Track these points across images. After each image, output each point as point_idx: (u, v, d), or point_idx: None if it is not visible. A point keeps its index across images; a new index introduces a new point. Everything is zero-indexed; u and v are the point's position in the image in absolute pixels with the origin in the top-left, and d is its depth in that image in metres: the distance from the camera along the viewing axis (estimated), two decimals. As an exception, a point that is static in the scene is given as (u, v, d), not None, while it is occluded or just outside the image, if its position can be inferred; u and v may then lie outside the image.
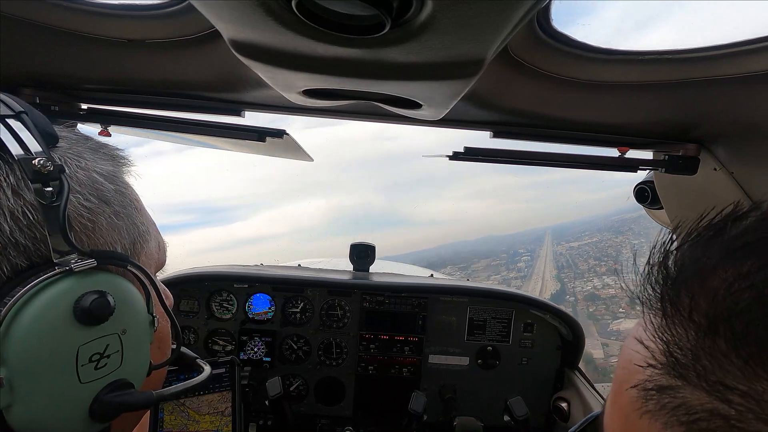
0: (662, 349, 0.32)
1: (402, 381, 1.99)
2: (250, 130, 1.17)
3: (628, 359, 0.36)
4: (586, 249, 30.56)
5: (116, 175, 0.53)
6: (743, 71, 0.80)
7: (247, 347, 1.97)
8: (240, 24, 0.63)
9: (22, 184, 0.42)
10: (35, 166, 0.41)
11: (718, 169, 1.15)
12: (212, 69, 0.99)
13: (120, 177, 0.54)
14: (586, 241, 33.17)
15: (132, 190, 0.55)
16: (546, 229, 38.19)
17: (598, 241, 32.30)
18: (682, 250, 0.36)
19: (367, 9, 0.52)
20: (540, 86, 0.95)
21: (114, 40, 0.88)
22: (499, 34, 0.58)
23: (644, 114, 1.06)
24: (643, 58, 0.83)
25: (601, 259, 25.32)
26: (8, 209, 0.41)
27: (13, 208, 0.41)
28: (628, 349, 0.37)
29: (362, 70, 0.74)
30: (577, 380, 1.87)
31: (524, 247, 31.62)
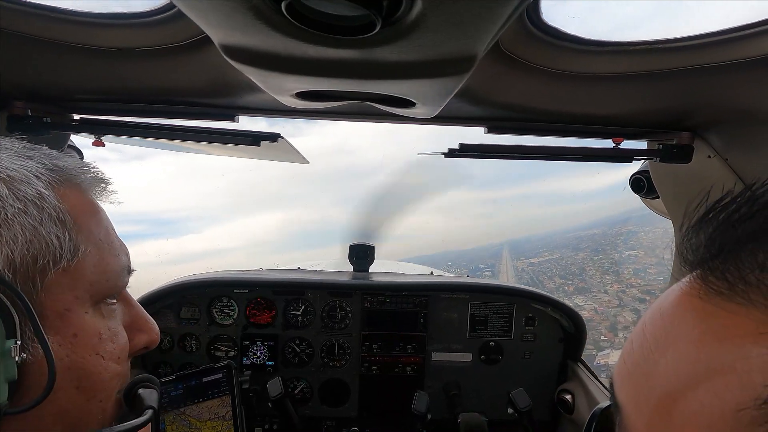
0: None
1: (406, 379, 2.00)
2: (245, 135, 1.17)
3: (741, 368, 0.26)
4: (548, 266, 30.15)
5: (29, 180, 0.48)
6: (733, 58, 0.81)
7: (250, 352, 1.96)
8: (230, 28, 0.62)
9: None
10: None
11: (712, 157, 1.16)
12: (204, 75, 0.99)
13: (35, 182, 0.49)
14: (546, 258, 32.78)
15: (58, 201, 0.50)
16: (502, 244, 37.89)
17: (558, 258, 31.83)
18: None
19: (357, 9, 0.52)
20: (532, 80, 0.96)
21: (104, 50, 0.88)
22: (490, 30, 0.58)
23: (637, 104, 1.07)
24: (634, 49, 0.83)
25: (567, 278, 25.17)
26: None
27: None
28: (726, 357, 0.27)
29: (354, 71, 0.74)
30: (580, 372, 1.88)
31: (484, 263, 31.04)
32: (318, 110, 1.14)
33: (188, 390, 1.20)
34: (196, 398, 1.20)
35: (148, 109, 1.17)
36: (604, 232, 30.23)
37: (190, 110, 1.18)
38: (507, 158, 1.28)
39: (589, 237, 29.09)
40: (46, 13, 0.78)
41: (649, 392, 0.31)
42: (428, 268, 3.00)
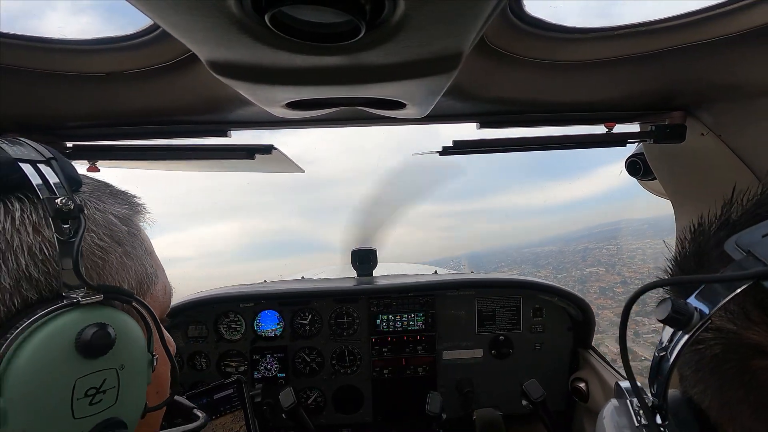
0: None
1: (419, 380, 1.99)
2: (239, 149, 1.17)
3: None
4: None
5: (130, 218, 0.56)
6: (718, 35, 0.81)
7: (260, 365, 1.96)
8: (215, 45, 0.63)
9: (44, 222, 0.45)
10: (57, 205, 0.44)
11: (705, 134, 1.16)
12: (194, 92, 0.99)
13: (134, 220, 0.56)
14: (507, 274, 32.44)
15: (144, 234, 0.58)
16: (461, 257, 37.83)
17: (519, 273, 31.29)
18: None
19: (340, 15, 0.52)
20: (520, 72, 0.96)
21: (92, 75, 0.88)
22: (474, 26, 0.58)
23: (626, 87, 1.07)
24: (619, 33, 0.83)
25: (531, 298, 25.08)
26: (27, 245, 0.44)
27: (31, 244, 0.44)
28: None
29: (343, 77, 0.74)
30: (592, 359, 1.88)
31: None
32: (310, 119, 1.14)
33: (200, 408, 1.20)
34: (208, 415, 1.20)
35: (140, 131, 1.17)
36: (560, 249, 30.24)
37: (182, 129, 1.18)
38: (501, 151, 1.28)
39: (546, 253, 28.99)
40: (31, 44, 0.79)
41: None
42: (432, 267, 3.00)
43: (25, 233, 0.44)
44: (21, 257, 0.43)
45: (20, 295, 0.43)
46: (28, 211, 0.45)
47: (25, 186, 0.45)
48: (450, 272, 2.79)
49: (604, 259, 22.21)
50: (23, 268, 0.43)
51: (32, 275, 0.44)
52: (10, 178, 0.45)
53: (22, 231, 0.44)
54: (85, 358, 0.43)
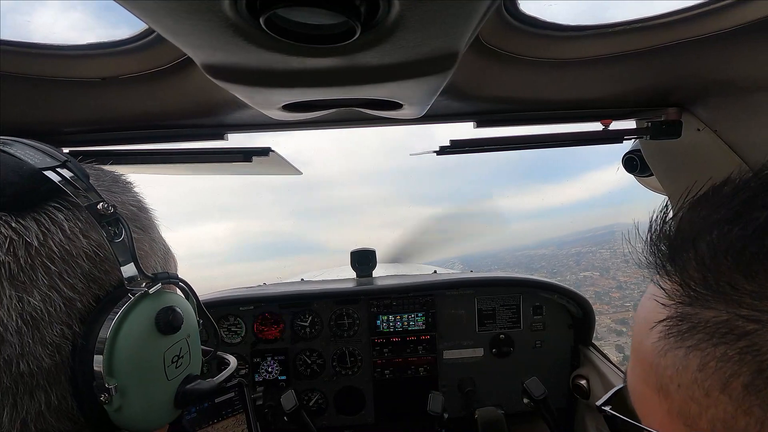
0: (677, 288, 0.38)
1: (420, 381, 1.99)
2: (236, 152, 1.17)
3: (647, 310, 0.41)
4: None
5: (142, 203, 0.60)
6: (711, 30, 0.81)
7: (261, 368, 1.96)
8: (211, 48, 0.62)
9: (87, 226, 0.48)
10: (100, 211, 0.48)
11: (701, 129, 1.17)
12: (190, 96, 0.99)
13: (144, 204, 0.60)
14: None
15: (152, 213, 0.62)
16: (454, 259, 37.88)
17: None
18: (679, 216, 0.43)
19: (335, 17, 0.52)
20: (516, 71, 0.96)
21: (88, 81, 0.88)
22: (469, 25, 0.58)
23: (622, 84, 1.07)
24: (614, 30, 0.83)
25: (527, 302, 24.44)
26: (83, 251, 0.47)
27: (86, 249, 0.48)
28: (644, 305, 0.43)
29: (339, 78, 0.74)
30: (592, 356, 1.88)
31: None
32: (307, 121, 1.14)
33: (202, 412, 1.19)
34: (210, 420, 1.19)
35: (137, 136, 1.17)
36: (554, 253, 30.09)
37: (179, 133, 1.18)
38: (498, 150, 1.28)
39: (540, 257, 28.88)
40: (25, 50, 0.78)
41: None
42: (431, 267, 3.00)
43: (78, 241, 0.47)
44: (83, 264, 0.47)
45: (91, 294, 0.48)
46: (72, 219, 0.47)
47: (56, 194, 0.48)
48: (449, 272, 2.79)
49: (598, 263, 22.13)
50: (87, 271, 0.47)
51: (96, 276, 0.48)
52: (41, 189, 0.47)
53: (74, 239, 0.47)
54: (165, 335, 0.52)
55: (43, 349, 0.44)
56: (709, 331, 0.34)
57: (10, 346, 0.42)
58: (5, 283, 0.42)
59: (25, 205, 0.45)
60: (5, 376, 0.42)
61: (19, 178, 0.46)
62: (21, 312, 0.42)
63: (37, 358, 0.43)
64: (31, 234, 0.44)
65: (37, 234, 0.44)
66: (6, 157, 0.47)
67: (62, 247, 0.46)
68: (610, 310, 16.32)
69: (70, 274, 0.46)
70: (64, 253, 0.46)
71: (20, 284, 0.43)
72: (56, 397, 0.45)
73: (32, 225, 0.45)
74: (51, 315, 0.44)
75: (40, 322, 0.43)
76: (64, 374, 0.45)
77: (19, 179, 0.46)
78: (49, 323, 0.44)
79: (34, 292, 0.43)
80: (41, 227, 0.45)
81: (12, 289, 0.42)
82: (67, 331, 0.45)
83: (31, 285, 0.43)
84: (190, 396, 0.56)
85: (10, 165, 0.46)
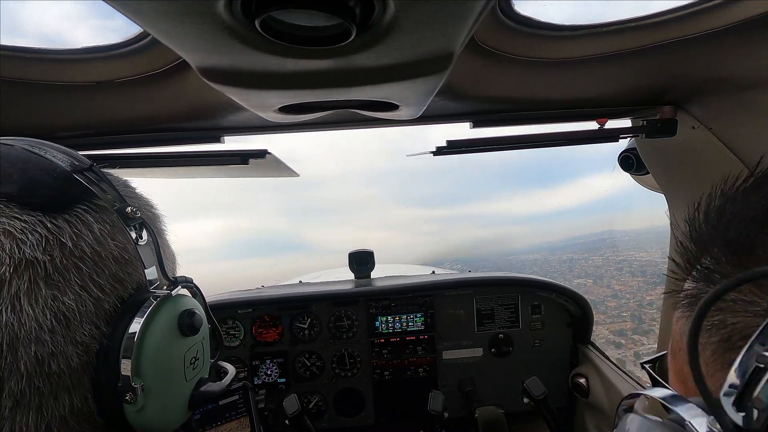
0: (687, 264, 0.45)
1: (420, 381, 1.99)
2: (232, 155, 1.17)
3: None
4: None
5: (154, 208, 0.61)
6: (704, 29, 0.82)
7: (260, 371, 1.95)
8: (206, 51, 0.62)
9: (114, 229, 0.50)
10: (128, 215, 0.49)
11: (696, 127, 1.17)
12: (186, 99, 0.98)
13: (156, 210, 0.61)
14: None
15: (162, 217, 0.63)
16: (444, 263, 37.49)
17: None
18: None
19: (330, 19, 0.52)
20: (512, 71, 0.96)
21: (82, 85, 0.88)
22: (464, 26, 0.58)
23: (617, 83, 1.08)
24: (608, 29, 0.84)
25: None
26: (111, 253, 0.49)
27: (114, 251, 0.49)
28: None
29: (335, 80, 0.74)
30: (591, 354, 1.88)
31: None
32: (303, 123, 1.14)
33: (205, 414, 1.19)
34: (214, 422, 1.19)
35: (132, 139, 1.16)
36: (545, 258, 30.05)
37: (175, 136, 1.17)
38: (495, 150, 1.28)
39: (531, 262, 28.85)
40: (19, 54, 0.78)
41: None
42: (429, 267, 3.00)
43: (106, 243, 0.48)
44: (111, 265, 0.48)
45: (116, 295, 0.49)
46: (101, 222, 0.48)
47: (86, 197, 0.48)
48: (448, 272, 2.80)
49: (591, 271, 22.06)
50: (114, 272, 0.49)
51: (121, 278, 0.50)
52: (73, 191, 0.48)
53: (103, 241, 0.48)
54: (186, 337, 0.54)
55: (73, 348, 0.44)
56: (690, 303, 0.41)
57: (43, 345, 0.42)
58: (41, 283, 0.42)
59: (58, 207, 0.46)
60: (36, 375, 0.42)
61: (53, 180, 0.46)
62: (55, 311, 0.43)
63: (67, 357, 0.44)
64: (65, 234, 0.45)
65: (70, 235, 0.45)
66: (38, 158, 0.48)
67: (93, 249, 0.47)
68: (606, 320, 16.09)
69: (99, 274, 0.47)
70: (94, 254, 0.47)
71: (55, 284, 0.43)
72: (78, 400, 0.45)
73: (65, 226, 0.45)
74: (82, 315, 0.45)
75: (72, 321, 0.44)
76: (87, 375, 0.46)
77: (53, 181, 0.46)
78: (80, 323, 0.45)
79: (67, 291, 0.44)
80: (73, 228, 0.46)
81: (48, 288, 0.43)
82: (96, 331, 0.46)
83: (65, 285, 0.44)
84: (203, 398, 0.58)
85: (44, 167, 0.47)
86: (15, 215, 0.43)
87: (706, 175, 1.22)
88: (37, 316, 0.41)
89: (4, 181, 0.44)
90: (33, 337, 0.41)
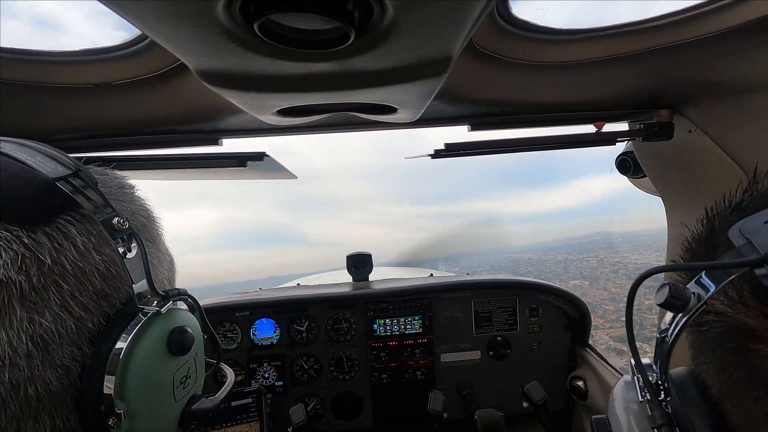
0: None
1: (418, 384, 1.98)
2: (230, 157, 1.17)
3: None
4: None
5: (149, 212, 0.57)
6: (700, 33, 0.82)
7: (258, 374, 1.94)
8: (205, 54, 0.62)
9: (101, 241, 0.46)
10: (115, 226, 0.45)
11: (693, 131, 1.18)
12: (184, 101, 0.98)
13: (152, 213, 0.57)
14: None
15: (159, 222, 0.59)
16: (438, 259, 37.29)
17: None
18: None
19: (329, 22, 0.52)
20: (509, 74, 0.97)
21: (80, 87, 0.88)
22: (462, 29, 0.59)
23: (614, 87, 1.08)
24: (605, 33, 0.84)
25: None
26: (96, 267, 0.45)
27: (99, 266, 0.45)
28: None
29: (333, 83, 0.74)
30: (589, 357, 1.89)
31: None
32: (301, 125, 1.14)
33: (216, 413, 1.17)
34: (224, 422, 1.17)
35: (129, 142, 1.16)
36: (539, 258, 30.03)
37: (173, 138, 1.17)
38: (493, 153, 1.29)
39: (525, 261, 28.83)
40: (17, 56, 0.78)
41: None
42: (427, 270, 3.00)
43: (91, 257, 0.45)
44: (95, 281, 0.45)
45: (102, 312, 0.46)
46: (85, 234, 0.44)
47: (69, 206, 0.44)
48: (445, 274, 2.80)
49: (587, 272, 21.98)
50: (99, 288, 0.45)
51: (108, 293, 0.46)
52: (54, 201, 0.43)
53: (87, 255, 0.44)
54: (176, 356, 0.51)
55: (52, 371, 0.41)
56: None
57: (19, 370, 0.39)
58: (16, 304, 0.39)
59: (38, 219, 0.42)
60: (12, 400, 0.39)
61: (33, 191, 0.42)
62: (32, 334, 0.40)
63: (46, 382, 0.41)
64: (44, 250, 0.41)
65: (50, 250, 0.41)
66: (18, 166, 0.43)
67: (75, 264, 0.43)
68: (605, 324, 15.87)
69: (82, 292, 0.44)
70: (77, 270, 0.43)
71: (31, 305, 0.40)
72: (61, 420, 0.43)
73: (44, 240, 0.41)
74: (62, 336, 0.42)
75: (50, 344, 0.41)
76: (71, 396, 0.43)
77: (33, 192, 0.42)
78: (60, 345, 0.42)
79: (45, 312, 0.40)
80: (54, 243, 0.42)
81: (23, 310, 0.39)
82: (77, 352, 0.43)
83: (43, 305, 0.40)
84: (194, 416, 0.55)
85: (22, 175, 0.43)
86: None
87: (703, 178, 1.22)
88: (11, 339, 0.38)
89: None
90: (7, 362, 0.38)
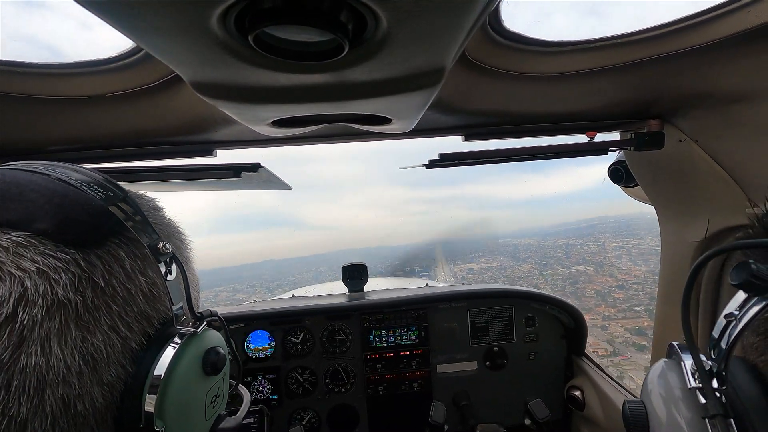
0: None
1: (414, 396, 1.96)
2: (225, 168, 1.16)
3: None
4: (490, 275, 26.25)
5: (182, 234, 0.59)
6: (689, 45, 0.84)
7: (252, 388, 1.91)
8: (199, 66, 0.63)
9: (145, 264, 0.48)
10: (160, 251, 0.48)
11: (683, 140, 1.20)
12: (178, 113, 0.98)
13: (183, 236, 0.59)
14: (486, 265, 29.62)
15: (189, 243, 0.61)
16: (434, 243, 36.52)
17: (499, 267, 28.56)
18: None
19: (323, 34, 0.53)
20: (502, 85, 0.98)
21: (74, 99, 0.87)
22: (455, 41, 0.59)
23: (605, 98, 1.10)
24: (595, 45, 0.86)
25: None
26: (141, 289, 0.48)
27: (144, 287, 0.48)
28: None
29: (328, 94, 0.75)
30: (586, 366, 1.88)
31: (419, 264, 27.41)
32: (296, 136, 1.14)
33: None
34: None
35: (124, 153, 1.16)
36: (539, 243, 29.71)
37: (167, 149, 1.17)
38: (486, 163, 1.30)
39: (525, 246, 28.52)
40: (10, 68, 0.78)
41: None
42: (423, 280, 2.99)
43: (137, 279, 0.47)
44: (140, 302, 0.47)
45: (143, 332, 0.48)
46: (132, 257, 0.47)
47: (118, 230, 0.47)
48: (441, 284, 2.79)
49: (589, 257, 21.59)
50: (142, 309, 0.48)
51: (149, 314, 0.49)
52: (106, 226, 0.46)
53: (134, 277, 0.47)
54: (210, 376, 0.53)
55: (99, 389, 0.43)
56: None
57: (70, 387, 0.41)
58: (71, 324, 0.41)
59: (92, 243, 0.44)
60: (61, 416, 0.40)
61: (88, 216, 0.45)
62: (84, 353, 0.41)
63: (93, 399, 0.43)
64: (98, 272, 0.43)
65: (102, 273, 0.44)
66: (75, 192, 0.46)
67: (123, 286, 0.45)
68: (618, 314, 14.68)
69: (128, 313, 0.46)
70: (125, 291, 0.45)
71: (85, 324, 0.42)
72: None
73: (98, 262, 0.44)
74: (109, 355, 0.44)
75: (99, 362, 0.43)
76: (110, 414, 0.45)
77: (88, 217, 0.44)
78: (107, 364, 0.44)
79: (96, 332, 0.43)
80: (105, 265, 0.44)
81: (77, 329, 0.41)
82: (121, 371, 0.45)
83: (95, 325, 0.43)
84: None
85: (80, 202, 0.45)
86: (49, 253, 0.41)
87: (694, 186, 1.24)
88: (65, 358, 0.40)
89: (41, 217, 0.42)
90: (61, 379, 0.40)
